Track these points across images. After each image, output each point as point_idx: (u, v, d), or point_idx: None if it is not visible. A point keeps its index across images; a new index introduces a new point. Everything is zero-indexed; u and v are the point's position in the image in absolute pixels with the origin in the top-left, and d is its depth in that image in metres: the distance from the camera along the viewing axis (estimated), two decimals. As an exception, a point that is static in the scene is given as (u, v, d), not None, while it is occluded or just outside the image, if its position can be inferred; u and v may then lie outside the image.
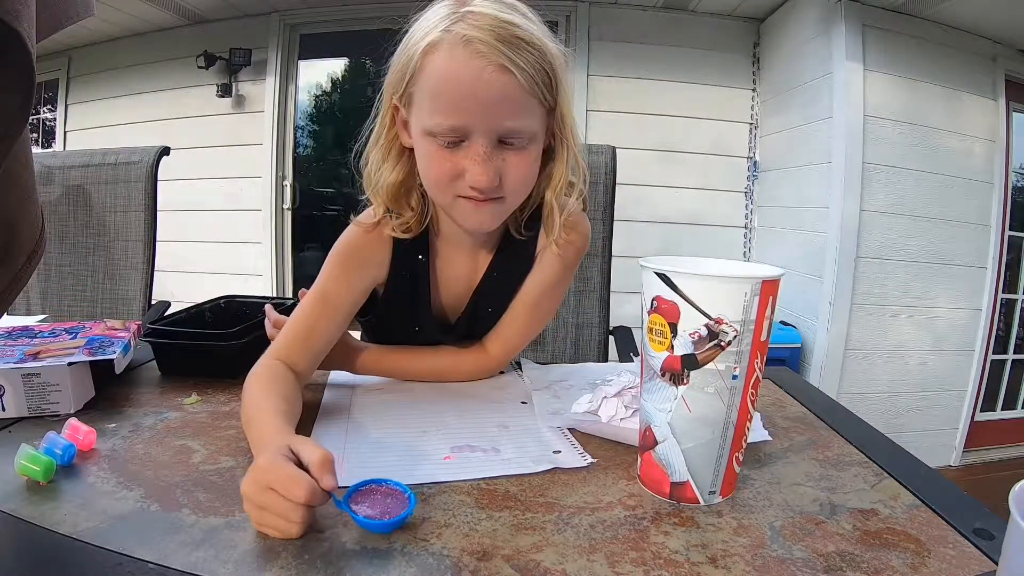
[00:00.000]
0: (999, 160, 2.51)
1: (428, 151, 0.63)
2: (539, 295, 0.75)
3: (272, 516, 0.42)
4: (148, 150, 1.43)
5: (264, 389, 0.59)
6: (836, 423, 0.66)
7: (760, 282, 0.43)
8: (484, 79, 0.59)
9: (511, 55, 0.58)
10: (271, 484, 0.42)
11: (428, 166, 0.64)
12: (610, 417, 0.60)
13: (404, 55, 0.63)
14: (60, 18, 0.35)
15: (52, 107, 3.48)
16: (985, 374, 2.61)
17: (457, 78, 0.59)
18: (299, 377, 0.64)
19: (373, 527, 0.42)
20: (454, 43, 0.59)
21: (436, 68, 0.60)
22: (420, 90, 0.62)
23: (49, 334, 0.72)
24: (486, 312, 0.76)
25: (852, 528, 0.45)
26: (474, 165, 0.61)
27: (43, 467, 0.47)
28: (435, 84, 0.60)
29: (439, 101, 0.60)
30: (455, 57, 0.59)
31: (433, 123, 0.61)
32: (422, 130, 0.62)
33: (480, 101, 0.59)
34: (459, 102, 0.60)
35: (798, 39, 2.59)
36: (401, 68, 0.63)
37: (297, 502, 0.41)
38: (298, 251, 3.37)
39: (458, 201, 0.65)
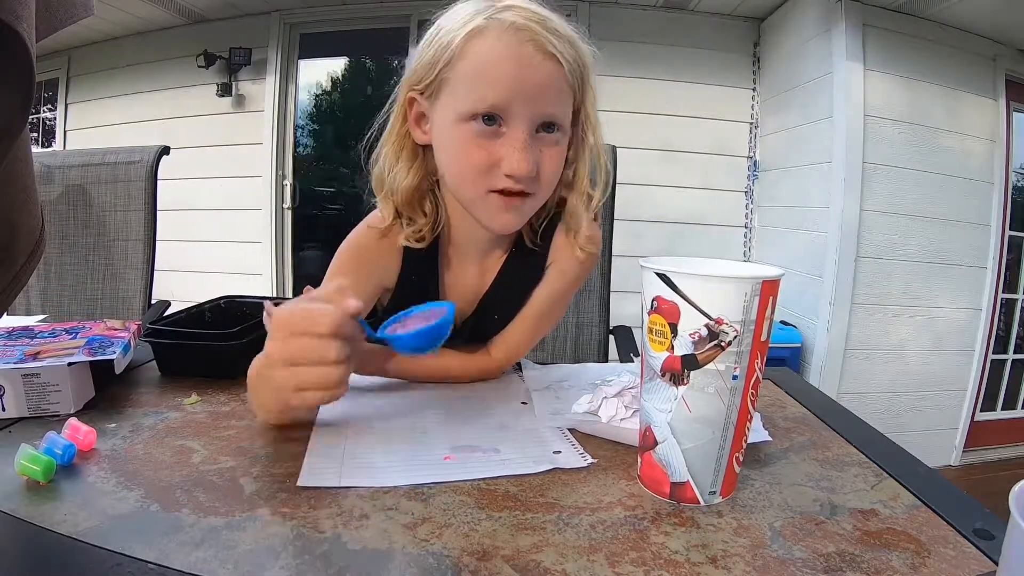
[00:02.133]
0: (999, 160, 2.51)
1: (461, 139, 0.62)
2: (548, 306, 0.76)
3: (307, 369, 0.41)
4: (148, 149, 1.43)
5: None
6: (836, 423, 0.66)
7: (760, 282, 0.43)
8: (533, 64, 0.60)
9: (557, 43, 0.61)
10: (294, 328, 0.40)
11: (459, 155, 0.63)
12: (610, 417, 0.60)
13: (436, 43, 0.63)
14: (60, 18, 0.35)
15: (52, 107, 3.48)
16: (985, 374, 2.61)
17: (505, 59, 0.60)
18: None
19: (413, 341, 0.40)
20: (502, 29, 0.60)
21: (482, 50, 0.60)
22: (459, 74, 0.61)
23: (49, 334, 0.72)
24: (492, 319, 0.76)
25: (852, 528, 0.45)
26: (513, 152, 0.61)
27: (43, 467, 0.47)
28: (479, 65, 0.60)
29: (483, 81, 0.60)
30: (503, 40, 0.60)
31: (475, 105, 0.60)
32: (457, 115, 0.62)
33: (527, 84, 0.60)
34: (506, 83, 0.60)
35: (798, 39, 2.59)
36: (432, 56, 0.63)
37: (326, 333, 0.39)
38: (298, 251, 3.37)
39: (488, 197, 0.64)
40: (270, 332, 0.42)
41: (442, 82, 0.63)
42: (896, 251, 2.40)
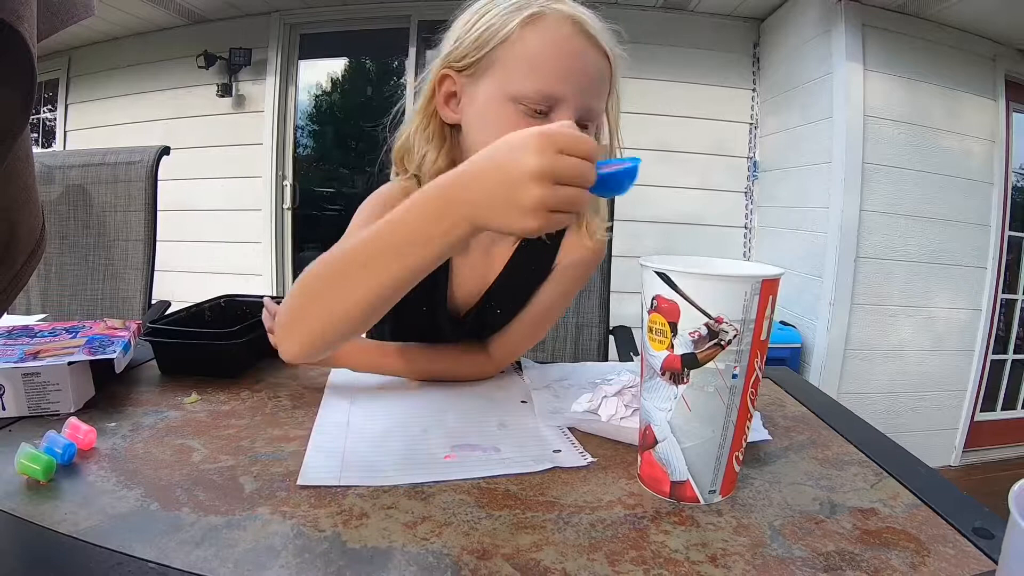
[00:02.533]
0: (999, 160, 2.51)
1: (506, 118, 0.63)
2: (551, 305, 0.77)
3: (566, 190, 0.41)
4: (148, 150, 1.43)
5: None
6: (836, 423, 0.66)
7: (760, 281, 0.44)
8: (587, 57, 0.63)
9: (608, 40, 0.64)
10: (563, 147, 0.41)
11: (502, 133, 0.64)
12: (610, 416, 0.60)
13: (485, 23, 0.64)
14: (61, 18, 0.35)
15: (52, 107, 3.48)
16: (985, 374, 2.61)
17: (563, 49, 0.62)
18: None
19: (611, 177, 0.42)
20: (561, 18, 0.63)
21: (541, 37, 0.62)
22: (513, 56, 0.63)
23: (49, 333, 0.72)
24: (495, 313, 0.76)
25: (852, 527, 0.45)
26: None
27: (43, 466, 0.47)
28: (538, 50, 0.62)
29: (541, 67, 0.62)
30: (563, 31, 0.62)
31: (528, 87, 0.62)
32: (505, 95, 0.63)
33: (580, 76, 0.62)
34: (562, 72, 0.62)
35: (798, 39, 2.59)
36: (481, 35, 0.64)
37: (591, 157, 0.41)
38: (298, 251, 3.37)
39: None
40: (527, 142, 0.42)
41: (492, 62, 0.64)
42: (896, 251, 2.40)
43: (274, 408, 0.65)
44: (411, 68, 3.17)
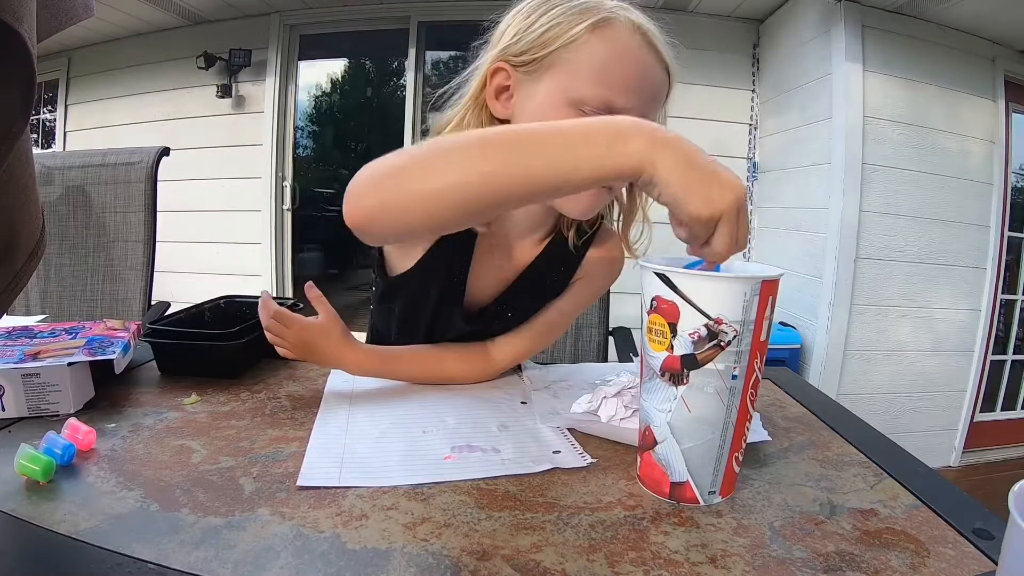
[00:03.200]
0: (999, 161, 2.51)
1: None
2: (563, 315, 0.78)
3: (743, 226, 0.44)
4: (148, 150, 1.43)
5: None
6: (836, 423, 0.66)
7: (760, 282, 0.44)
8: (653, 72, 0.62)
9: (670, 56, 0.63)
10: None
11: None
12: (609, 417, 0.60)
13: (551, 20, 0.62)
14: (61, 19, 0.35)
15: (52, 107, 3.48)
16: (985, 375, 2.61)
17: (632, 60, 0.61)
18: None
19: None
20: (631, 27, 0.61)
21: (612, 44, 0.61)
22: (581, 59, 0.61)
23: (49, 334, 0.72)
24: (505, 317, 0.76)
25: (852, 528, 0.45)
26: None
27: (43, 467, 0.47)
28: (605, 58, 0.61)
29: (606, 75, 0.60)
30: (634, 40, 0.61)
31: (592, 93, 0.60)
32: (567, 98, 0.61)
33: (644, 89, 0.62)
34: (628, 83, 0.61)
35: (798, 40, 2.59)
36: (546, 32, 0.62)
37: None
38: (298, 252, 3.37)
39: None
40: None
41: (555, 61, 0.62)
42: (895, 252, 2.40)
43: (274, 409, 0.65)
44: (411, 69, 3.17)
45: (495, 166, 0.45)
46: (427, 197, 0.46)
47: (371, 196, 0.48)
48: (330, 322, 0.69)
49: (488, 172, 0.45)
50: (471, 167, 0.45)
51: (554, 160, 0.44)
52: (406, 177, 0.47)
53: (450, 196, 0.46)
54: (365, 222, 0.48)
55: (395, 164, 0.48)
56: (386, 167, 0.48)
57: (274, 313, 0.69)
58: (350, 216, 0.48)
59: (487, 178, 0.45)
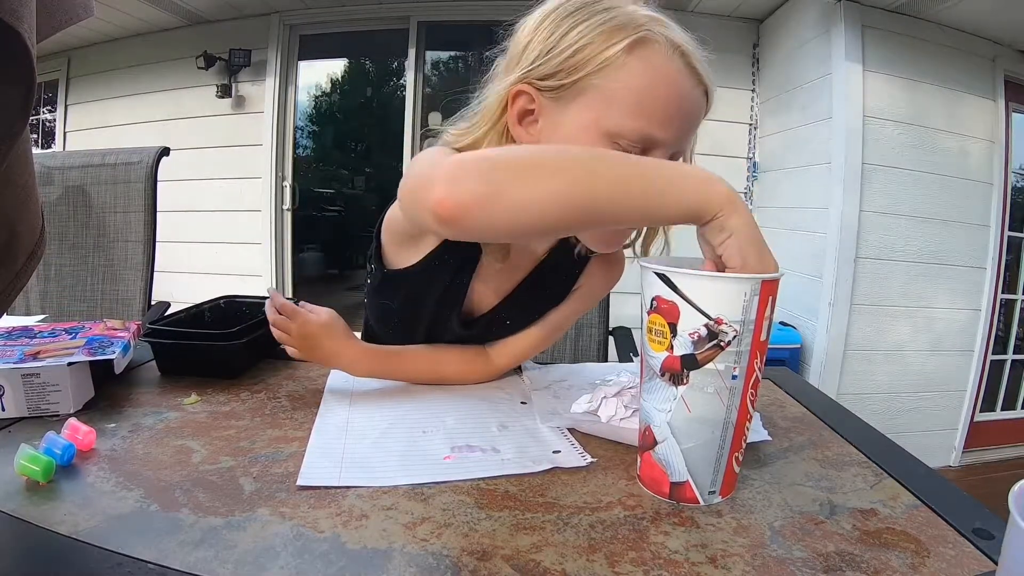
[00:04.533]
0: (999, 160, 2.51)
1: None
2: (562, 322, 0.78)
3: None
4: (148, 150, 1.43)
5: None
6: (836, 423, 0.66)
7: (760, 282, 0.44)
8: (693, 97, 0.57)
9: (710, 77, 0.58)
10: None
11: None
12: (609, 417, 0.60)
13: (578, 39, 0.56)
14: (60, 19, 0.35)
15: (52, 107, 3.48)
16: (985, 374, 2.62)
17: (671, 89, 0.56)
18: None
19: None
20: (670, 48, 0.55)
21: (649, 70, 0.55)
22: (614, 87, 0.55)
23: (49, 334, 0.72)
24: (504, 325, 0.76)
25: (852, 528, 0.45)
26: None
27: (43, 467, 0.47)
28: (644, 87, 0.55)
29: (645, 107, 0.55)
30: (672, 65, 0.55)
31: (630, 126, 0.55)
32: (602, 130, 0.56)
33: (682, 117, 0.57)
34: (668, 113, 0.56)
35: (798, 39, 2.59)
36: (575, 54, 0.56)
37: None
38: (298, 252, 3.37)
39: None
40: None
41: (587, 88, 0.56)
42: (895, 252, 2.40)
43: (274, 409, 0.65)
44: (411, 69, 3.17)
45: (604, 184, 0.45)
46: (532, 200, 0.45)
47: (476, 185, 0.45)
48: (332, 319, 0.70)
49: (595, 189, 0.45)
50: (582, 181, 0.45)
51: (660, 185, 0.45)
52: (517, 175, 0.45)
53: (553, 204, 0.45)
54: (459, 211, 0.45)
55: (504, 160, 0.47)
56: (496, 160, 0.46)
57: (280, 306, 0.68)
58: (444, 202, 0.44)
59: (593, 194, 0.45)
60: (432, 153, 0.60)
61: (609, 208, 0.46)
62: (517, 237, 0.57)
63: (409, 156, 3.17)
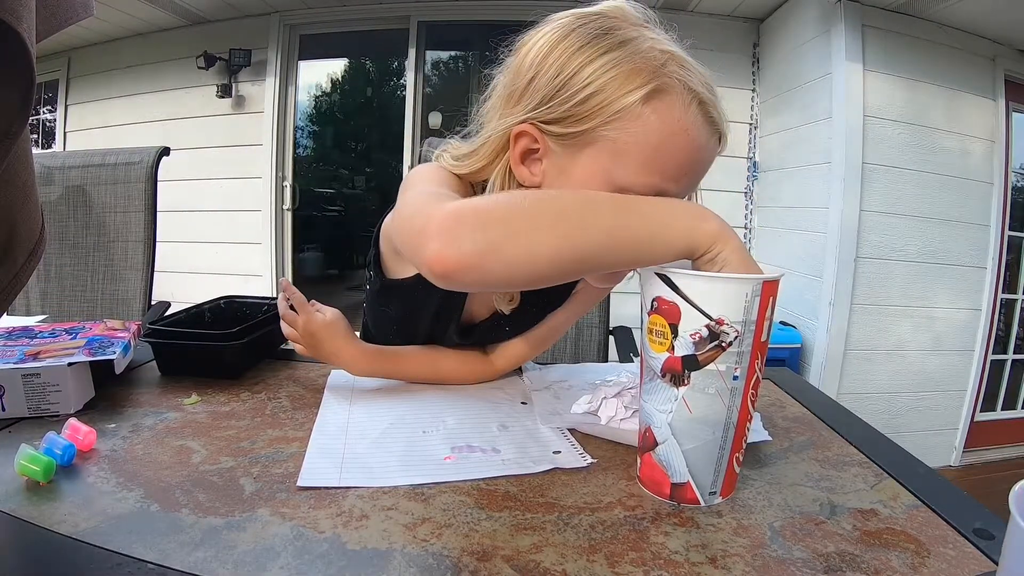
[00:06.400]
0: (999, 160, 2.51)
1: None
2: (561, 324, 0.78)
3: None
4: (148, 150, 1.43)
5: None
6: (836, 423, 0.66)
7: (761, 282, 0.43)
8: (708, 148, 0.55)
9: (725, 122, 0.55)
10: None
11: None
12: (610, 418, 0.60)
13: (591, 82, 0.53)
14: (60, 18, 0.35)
15: (52, 107, 3.48)
16: (985, 374, 2.62)
17: (687, 141, 0.53)
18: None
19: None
20: (687, 98, 0.53)
21: (666, 123, 0.52)
22: (627, 140, 0.53)
23: (49, 334, 0.72)
24: (503, 331, 0.76)
25: (852, 528, 0.45)
26: None
27: (43, 467, 0.47)
28: (659, 142, 0.52)
29: (659, 162, 0.53)
30: (689, 116, 0.53)
31: (641, 181, 0.53)
32: (612, 182, 0.54)
33: (696, 170, 0.55)
34: (681, 167, 0.54)
35: (798, 39, 2.59)
36: (587, 102, 0.53)
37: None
38: (298, 252, 3.38)
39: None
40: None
41: (599, 137, 0.54)
42: (895, 251, 2.40)
43: (274, 409, 0.65)
44: (411, 69, 3.17)
45: (596, 236, 0.45)
46: (526, 256, 0.45)
47: (470, 243, 0.44)
48: (336, 319, 0.70)
49: (587, 242, 0.45)
50: (574, 235, 0.45)
51: (652, 228, 0.46)
52: (510, 231, 0.45)
53: (546, 259, 0.45)
54: (454, 268, 0.44)
55: (497, 215, 0.46)
56: (489, 214, 0.46)
57: (292, 298, 0.69)
58: (439, 259, 0.44)
59: (584, 247, 0.45)
60: (428, 187, 0.59)
61: (601, 258, 0.46)
62: (512, 288, 0.57)
63: (409, 156, 3.17)
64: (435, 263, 0.44)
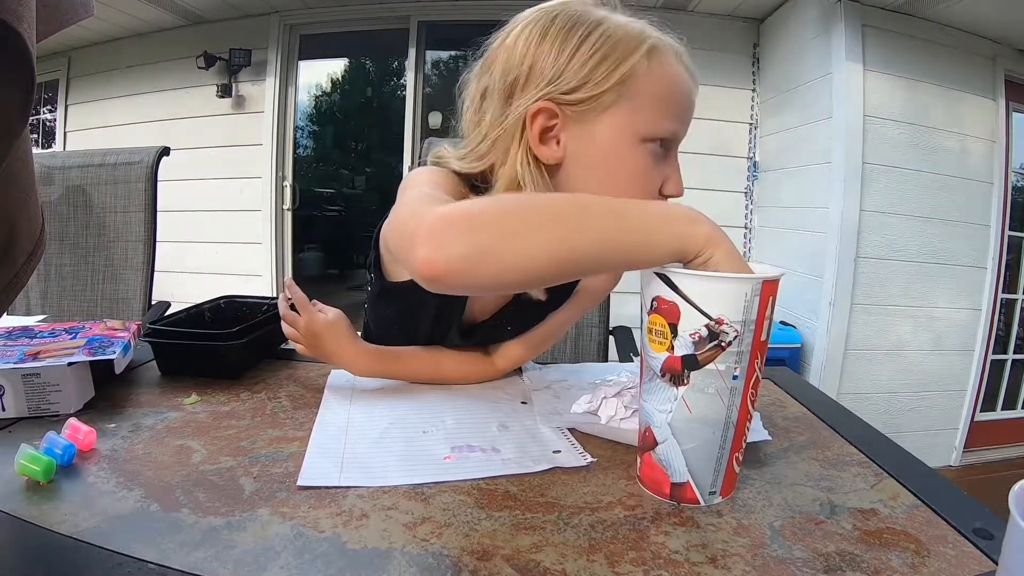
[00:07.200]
0: (999, 160, 2.51)
1: (642, 162, 0.60)
2: (562, 325, 0.78)
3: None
4: (148, 150, 1.43)
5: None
6: (836, 423, 0.66)
7: (760, 282, 0.43)
8: (695, 93, 0.63)
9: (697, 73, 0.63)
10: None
11: (637, 178, 0.61)
12: (609, 417, 0.60)
13: (596, 51, 0.58)
14: (60, 18, 0.35)
15: (52, 107, 3.48)
16: (985, 374, 2.61)
17: (684, 86, 0.61)
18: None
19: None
20: (676, 52, 0.61)
21: (667, 74, 0.60)
22: (644, 94, 0.59)
23: (49, 334, 0.72)
24: (505, 331, 0.76)
25: (852, 528, 0.45)
26: (675, 173, 0.63)
27: (43, 467, 0.47)
28: (667, 89, 0.60)
29: (671, 107, 0.60)
30: (680, 66, 0.61)
31: (664, 128, 0.60)
32: (639, 135, 0.59)
33: (691, 111, 0.63)
34: (684, 110, 0.62)
35: (798, 39, 2.59)
36: (599, 67, 0.58)
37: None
38: (298, 252, 3.38)
39: None
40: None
41: (616, 98, 0.58)
42: (896, 251, 2.40)
43: (274, 409, 0.65)
44: (411, 69, 3.17)
45: (586, 240, 0.45)
46: (515, 261, 0.44)
47: (458, 248, 0.44)
48: (338, 319, 0.70)
49: (576, 246, 0.45)
50: (564, 239, 0.45)
51: (643, 234, 0.46)
52: (499, 235, 0.44)
53: (535, 263, 0.45)
54: (442, 273, 0.44)
55: (486, 219, 0.45)
56: (478, 218, 0.45)
57: (295, 297, 0.70)
58: (427, 264, 0.44)
59: (574, 251, 0.45)
60: (423, 189, 0.59)
61: (591, 262, 0.47)
62: (502, 292, 0.57)
63: (409, 156, 3.17)
64: (424, 268, 0.44)
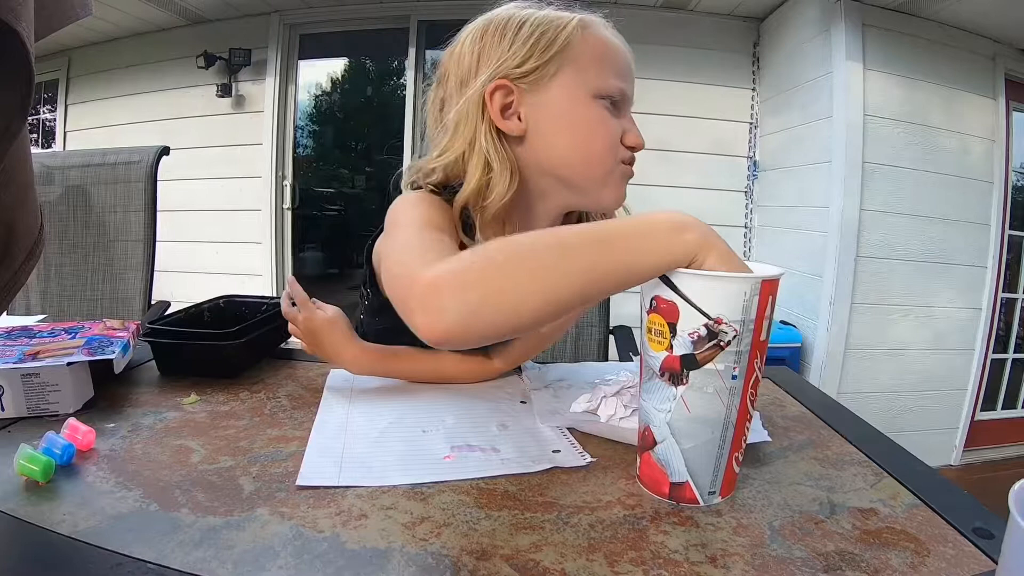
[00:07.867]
0: (999, 159, 2.51)
1: (597, 115, 0.65)
2: (561, 325, 0.78)
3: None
4: (148, 150, 1.43)
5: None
6: (836, 423, 0.66)
7: (760, 282, 0.43)
8: (630, 56, 0.68)
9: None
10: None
11: (594, 131, 0.65)
12: (609, 417, 0.60)
13: (533, 32, 0.64)
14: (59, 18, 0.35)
15: (52, 107, 3.48)
16: (985, 373, 2.61)
17: (619, 48, 0.67)
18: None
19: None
20: (602, 24, 0.67)
21: (601, 39, 0.66)
22: (584, 56, 0.64)
23: (48, 334, 0.72)
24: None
25: (851, 527, 0.45)
26: (632, 126, 0.67)
27: (42, 467, 0.47)
28: (604, 51, 0.65)
29: (612, 64, 0.65)
30: (609, 31, 0.67)
31: (610, 83, 0.64)
32: (589, 93, 0.64)
33: (632, 70, 0.68)
34: (625, 69, 0.67)
35: (798, 39, 2.59)
36: (537, 42, 0.64)
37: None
38: (298, 251, 3.37)
39: (618, 168, 0.67)
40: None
41: (561, 64, 0.64)
42: (896, 250, 2.40)
43: (273, 409, 0.65)
44: (411, 68, 3.17)
45: (575, 278, 0.45)
46: (510, 314, 0.45)
47: (453, 314, 0.45)
48: (336, 317, 0.71)
49: (568, 286, 0.45)
50: (554, 282, 0.45)
51: (628, 257, 0.46)
52: (490, 293, 0.45)
53: (530, 311, 0.45)
54: (442, 338, 0.46)
55: (475, 277, 0.46)
56: (467, 277, 0.46)
57: (295, 295, 0.72)
58: (427, 331, 0.46)
59: (567, 292, 0.46)
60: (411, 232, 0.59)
61: (583, 297, 0.47)
62: (503, 338, 0.57)
63: (409, 156, 3.17)
64: (426, 335, 0.46)
